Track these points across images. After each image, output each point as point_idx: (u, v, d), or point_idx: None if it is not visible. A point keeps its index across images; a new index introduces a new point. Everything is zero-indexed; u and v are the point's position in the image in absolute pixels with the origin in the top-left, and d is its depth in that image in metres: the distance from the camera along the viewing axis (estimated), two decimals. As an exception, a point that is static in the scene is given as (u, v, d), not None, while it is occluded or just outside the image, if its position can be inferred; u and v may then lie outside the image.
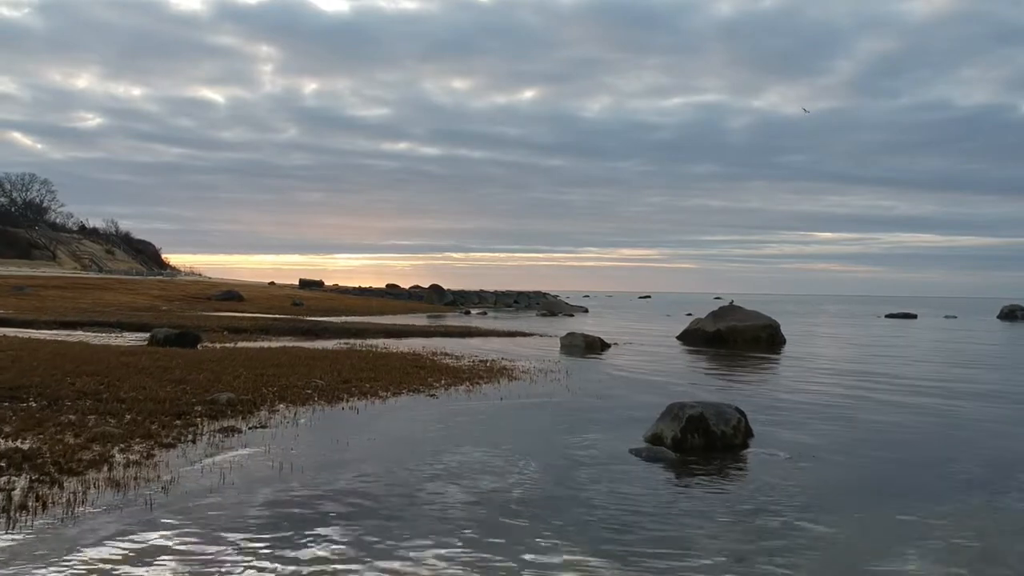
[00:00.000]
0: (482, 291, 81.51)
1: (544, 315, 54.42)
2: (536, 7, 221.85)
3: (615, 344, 25.72)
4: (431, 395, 13.07)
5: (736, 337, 28.34)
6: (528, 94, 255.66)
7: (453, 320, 45.47)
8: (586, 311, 62.46)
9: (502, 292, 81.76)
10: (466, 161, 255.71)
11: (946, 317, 66.82)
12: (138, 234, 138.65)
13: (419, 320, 44.15)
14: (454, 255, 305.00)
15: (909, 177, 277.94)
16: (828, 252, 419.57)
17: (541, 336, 30.43)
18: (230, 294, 51.31)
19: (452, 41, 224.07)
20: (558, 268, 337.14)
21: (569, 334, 25.33)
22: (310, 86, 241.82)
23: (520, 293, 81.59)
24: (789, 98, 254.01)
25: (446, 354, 20.71)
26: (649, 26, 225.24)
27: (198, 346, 21.74)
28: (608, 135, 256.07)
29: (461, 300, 73.28)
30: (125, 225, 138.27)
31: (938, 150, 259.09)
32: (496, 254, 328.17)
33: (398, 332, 29.30)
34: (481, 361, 19.00)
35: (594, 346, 24.55)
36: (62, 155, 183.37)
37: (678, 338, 30.32)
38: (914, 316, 64.87)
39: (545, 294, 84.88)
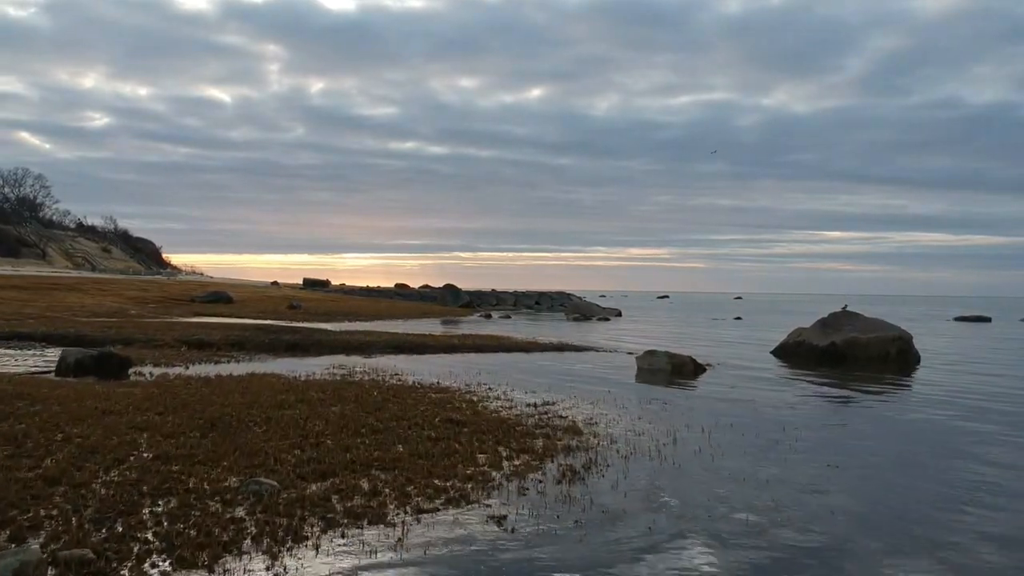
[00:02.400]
0: (498, 291, 74.76)
1: (577, 319, 47.56)
2: (542, 5, 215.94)
3: (708, 366, 18.88)
4: (496, 518, 6.28)
5: (858, 353, 21.49)
6: (535, 93, 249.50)
7: (474, 325, 38.72)
8: (619, 314, 55.57)
9: (522, 292, 74.93)
10: (473, 160, 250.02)
11: (1023, 321, 59.69)
12: (148, 234, 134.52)
13: (434, 326, 37.44)
14: (462, 254, 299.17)
15: (919, 176, 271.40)
16: (837, 251, 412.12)
17: (597, 351, 23.62)
18: (217, 295, 44.70)
19: (459, 40, 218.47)
20: (567, 267, 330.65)
21: (649, 353, 18.52)
22: (317, 85, 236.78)
23: (542, 294, 74.72)
24: (798, 96, 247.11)
25: (488, 390, 13.97)
26: (657, 24, 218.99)
27: (129, 372, 15.15)
28: (616, 134, 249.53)
29: (478, 301, 66.53)
30: (134, 225, 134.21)
31: (949, 148, 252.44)
32: (504, 253, 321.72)
33: (412, 346, 22.57)
34: (546, 404, 12.27)
35: (684, 369, 17.77)
36: (70, 155, 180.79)
37: (774, 354, 23.49)
38: (988, 319, 57.86)
39: (569, 295, 77.93)
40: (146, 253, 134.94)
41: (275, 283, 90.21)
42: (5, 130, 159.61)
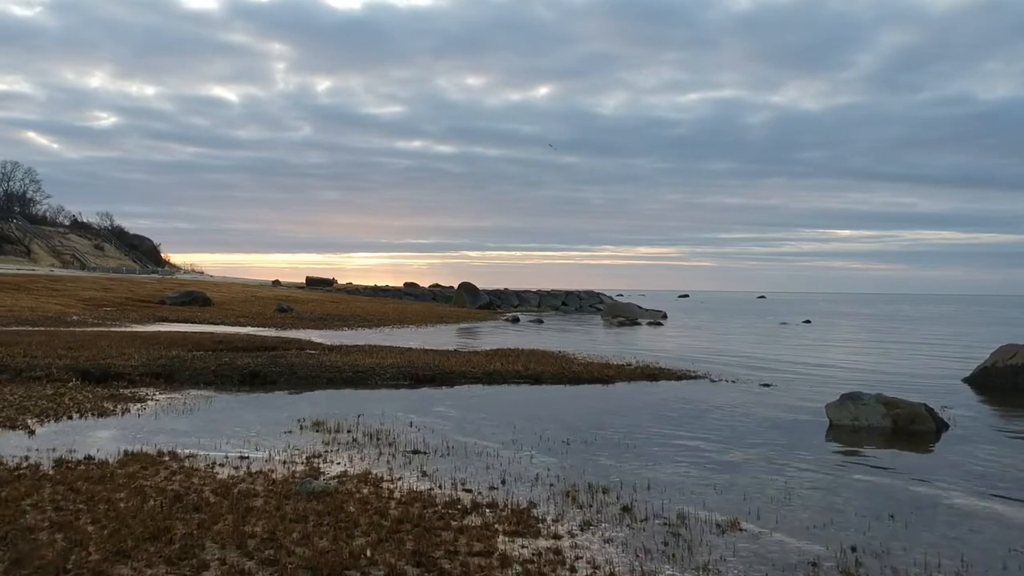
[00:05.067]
0: (519, 291, 67.07)
1: (622, 323, 39.84)
2: (549, 2, 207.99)
3: (948, 419, 11.13)
4: None
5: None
6: (543, 91, 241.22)
7: (503, 333, 31.12)
8: (664, 316, 47.70)
9: (546, 292, 67.20)
10: (481, 159, 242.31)
11: None
12: (157, 234, 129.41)
13: (455, 335, 29.90)
14: (470, 253, 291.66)
15: (930, 173, 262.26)
16: (848, 250, 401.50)
17: (710, 380, 15.90)
18: (191, 296, 37.24)
19: (465, 37, 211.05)
20: (575, 266, 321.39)
21: (849, 399, 10.82)
22: (323, 84, 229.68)
23: (568, 293, 66.94)
24: (808, 93, 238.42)
25: (621, 511, 6.35)
26: (665, 20, 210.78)
27: None
28: (624, 132, 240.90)
29: (498, 302, 58.91)
30: (142, 225, 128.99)
31: (959, 146, 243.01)
32: (513, 252, 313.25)
33: (433, 373, 15.01)
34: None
35: (916, 427, 10.17)
36: (77, 154, 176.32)
37: (970, 383, 15.85)
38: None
39: (599, 294, 70.16)
40: (143, 251, 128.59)
41: (276, 282, 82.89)
42: (13, 130, 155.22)
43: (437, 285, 72.86)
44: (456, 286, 65.92)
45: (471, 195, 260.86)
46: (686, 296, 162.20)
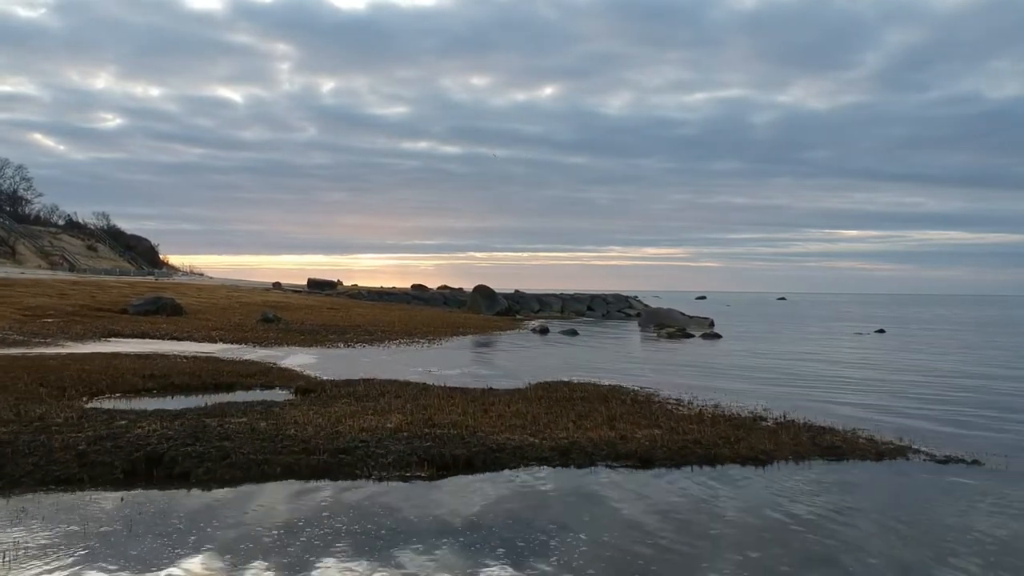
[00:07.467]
0: (536, 294, 60.92)
1: (671, 335, 33.64)
2: (553, 1, 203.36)
3: None
4: None
5: None
6: (547, 91, 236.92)
7: (534, 350, 25.03)
8: (712, 324, 41.38)
9: (569, 295, 60.97)
10: (486, 159, 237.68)
11: None
12: (162, 235, 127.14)
13: (475, 353, 23.83)
14: (477, 254, 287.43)
15: (937, 173, 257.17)
16: (854, 250, 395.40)
17: (934, 459, 9.63)
18: (159, 303, 31.13)
19: (469, 37, 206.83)
20: (582, 267, 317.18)
21: None
22: (328, 84, 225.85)
23: (594, 296, 60.69)
24: (814, 92, 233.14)
25: None
26: (670, 19, 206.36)
27: None
28: (629, 132, 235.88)
29: (517, 307, 52.74)
30: (148, 227, 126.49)
31: (966, 145, 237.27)
32: (519, 253, 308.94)
33: (469, 452, 8.91)
34: None
35: None
36: (83, 156, 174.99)
37: None
38: None
39: (627, 297, 63.96)
40: (139, 252, 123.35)
41: (277, 284, 76.96)
42: (20, 131, 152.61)
43: (446, 287, 67.05)
44: (464, 287, 60.05)
45: (476, 195, 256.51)
46: (703, 298, 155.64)
